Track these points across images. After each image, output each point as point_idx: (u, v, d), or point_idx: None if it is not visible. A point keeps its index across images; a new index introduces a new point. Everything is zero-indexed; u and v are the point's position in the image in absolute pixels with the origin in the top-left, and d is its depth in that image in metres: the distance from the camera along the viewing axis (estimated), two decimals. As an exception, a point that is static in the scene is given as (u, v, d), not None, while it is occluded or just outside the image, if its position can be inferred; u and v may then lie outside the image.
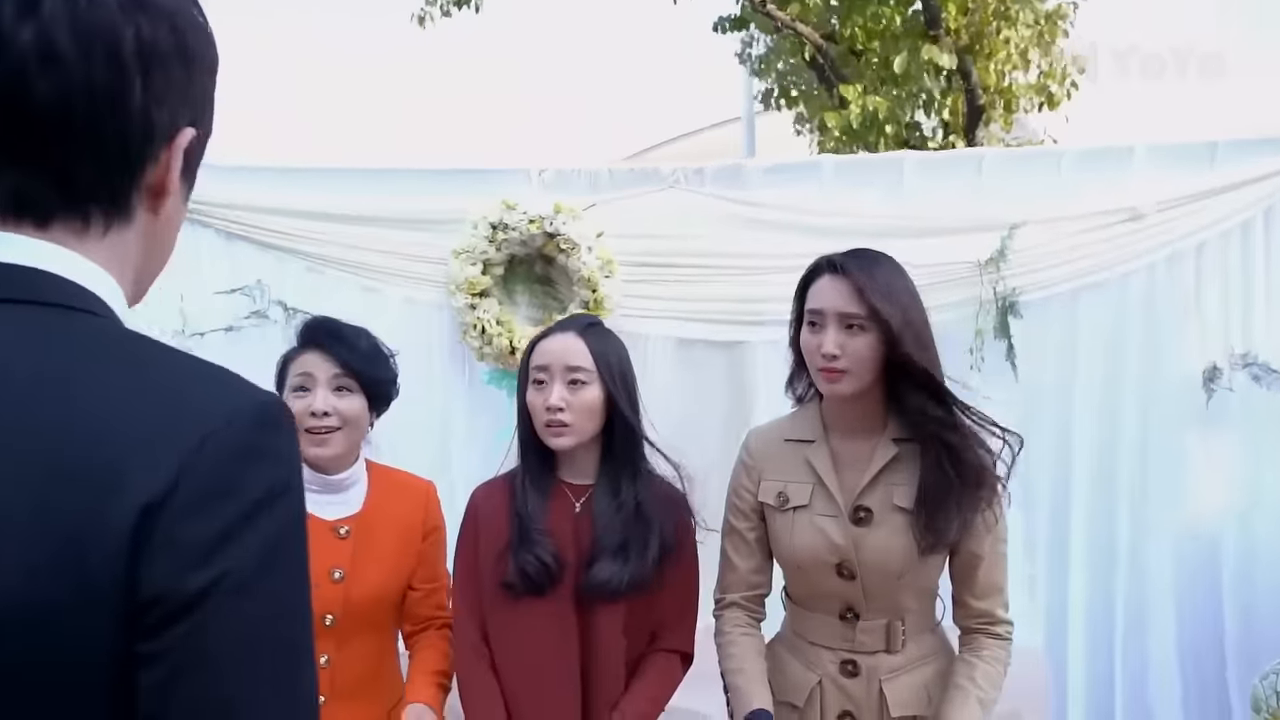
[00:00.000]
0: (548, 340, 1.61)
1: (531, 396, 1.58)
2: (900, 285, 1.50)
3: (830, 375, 1.51)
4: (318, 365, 1.62)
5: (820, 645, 1.57)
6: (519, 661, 1.58)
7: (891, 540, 1.49)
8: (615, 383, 1.60)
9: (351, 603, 1.62)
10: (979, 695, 1.48)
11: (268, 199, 2.58)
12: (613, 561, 1.55)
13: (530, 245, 2.56)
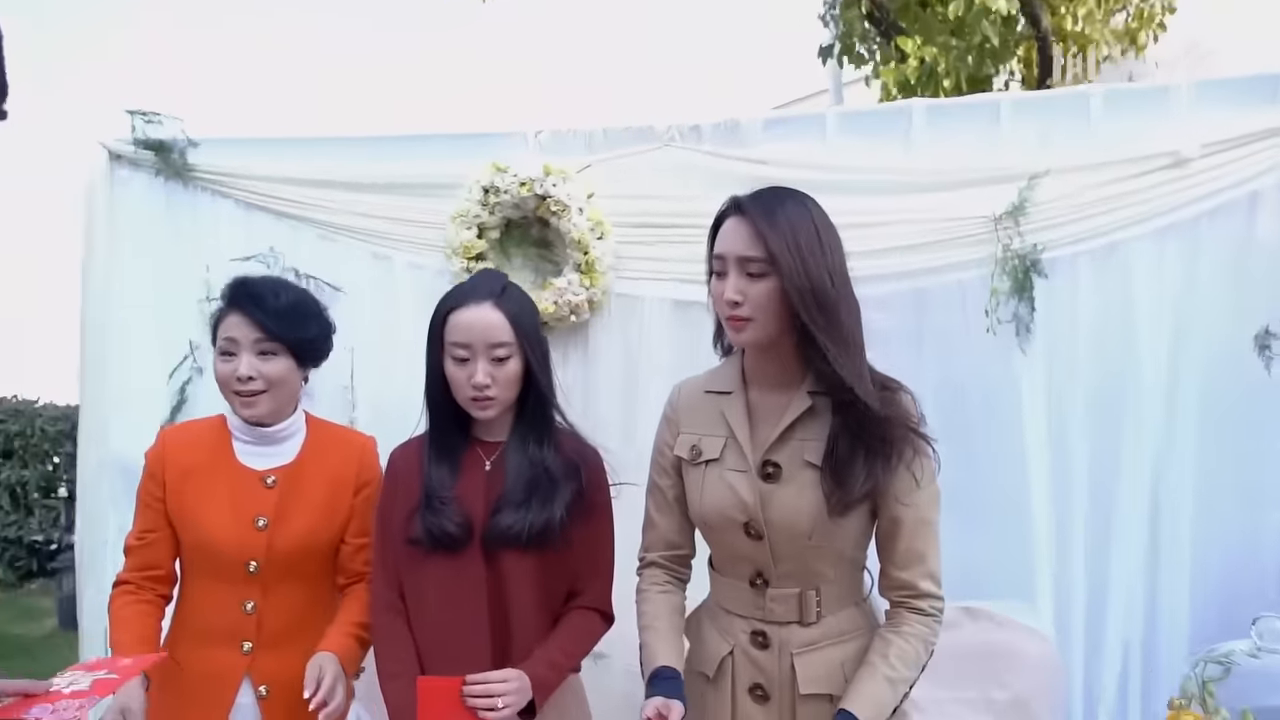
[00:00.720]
0: (465, 313, 1.58)
1: (453, 370, 1.59)
2: (804, 227, 1.39)
3: (734, 324, 1.44)
4: (240, 329, 1.67)
5: (734, 614, 1.52)
6: (430, 616, 1.61)
7: (800, 498, 1.41)
8: (533, 350, 1.61)
9: (275, 550, 1.69)
10: (888, 674, 1.40)
11: (280, 169, 2.67)
12: (516, 510, 1.57)
13: (523, 208, 2.55)
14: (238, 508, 1.70)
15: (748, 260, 1.40)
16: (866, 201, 2.41)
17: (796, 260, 1.36)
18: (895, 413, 1.42)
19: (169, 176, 2.73)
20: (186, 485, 1.72)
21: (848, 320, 1.41)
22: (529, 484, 1.59)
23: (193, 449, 1.75)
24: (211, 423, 1.80)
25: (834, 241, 1.44)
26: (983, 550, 2.41)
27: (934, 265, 2.39)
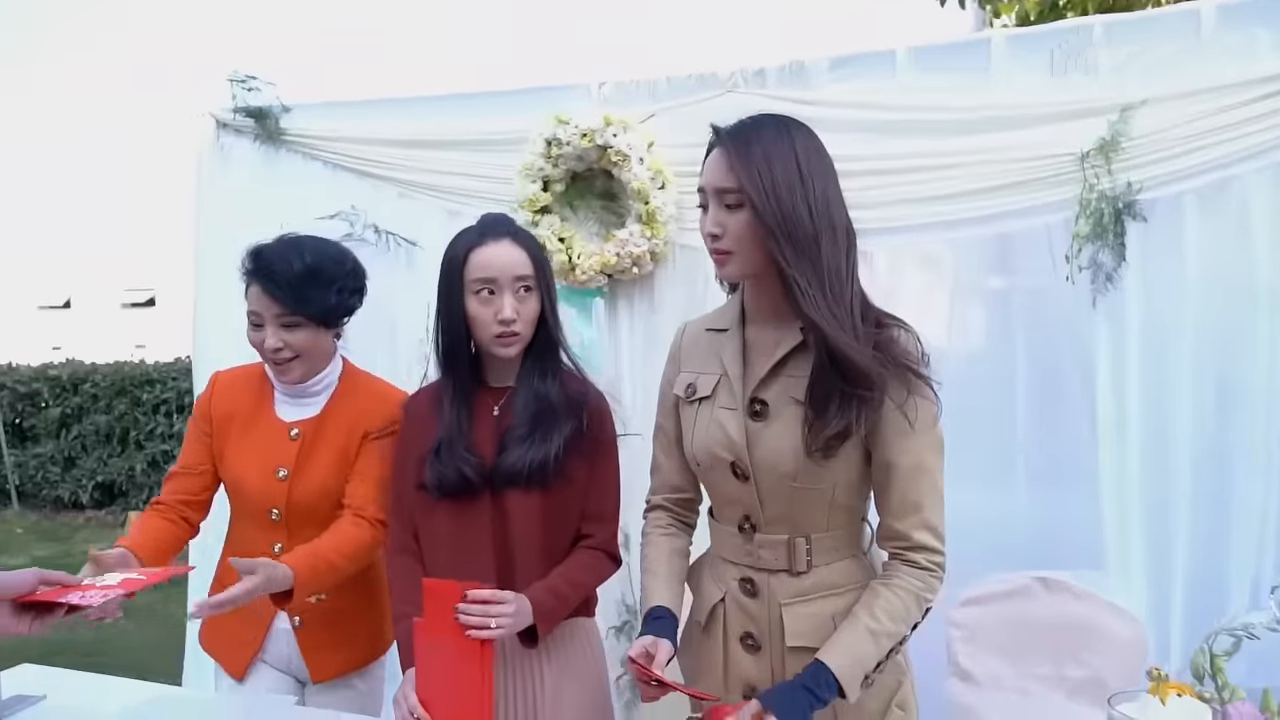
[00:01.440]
0: (487, 250, 1.58)
1: (477, 308, 1.58)
2: (782, 156, 1.31)
3: (716, 257, 1.38)
4: (261, 302, 1.70)
5: (728, 560, 1.46)
6: (441, 558, 1.64)
7: (784, 437, 1.34)
8: (548, 287, 1.61)
9: (294, 500, 1.76)
10: (871, 625, 1.31)
11: (361, 130, 2.78)
12: (519, 447, 1.57)
13: (586, 160, 2.53)
14: (263, 458, 1.76)
15: (723, 192, 1.34)
16: (941, 142, 2.26)
17: (768, 191, 1.29)
18: (891, 350, 1.32)
19: (265, 141, 2.89)
20: (228, 430, 1.80)
21: (829, 255, 1.31)
22: (533, 418, 1.59)
23: (236, 396, 1.83)
24: (256, 371, 1.85)
25: (819, 171, 1.33)
26: (1060, 517, 2.23)
27: (1014, 209, 2.21)
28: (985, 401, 2.28)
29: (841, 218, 1.35)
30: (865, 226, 2.32)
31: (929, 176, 2.28)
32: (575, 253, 2.54)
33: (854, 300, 1.33)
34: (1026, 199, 2.20)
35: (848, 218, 1.36)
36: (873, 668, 1.30)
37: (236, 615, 1.80)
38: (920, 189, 2.29)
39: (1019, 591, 2.11)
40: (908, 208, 2.31)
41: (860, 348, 1.28)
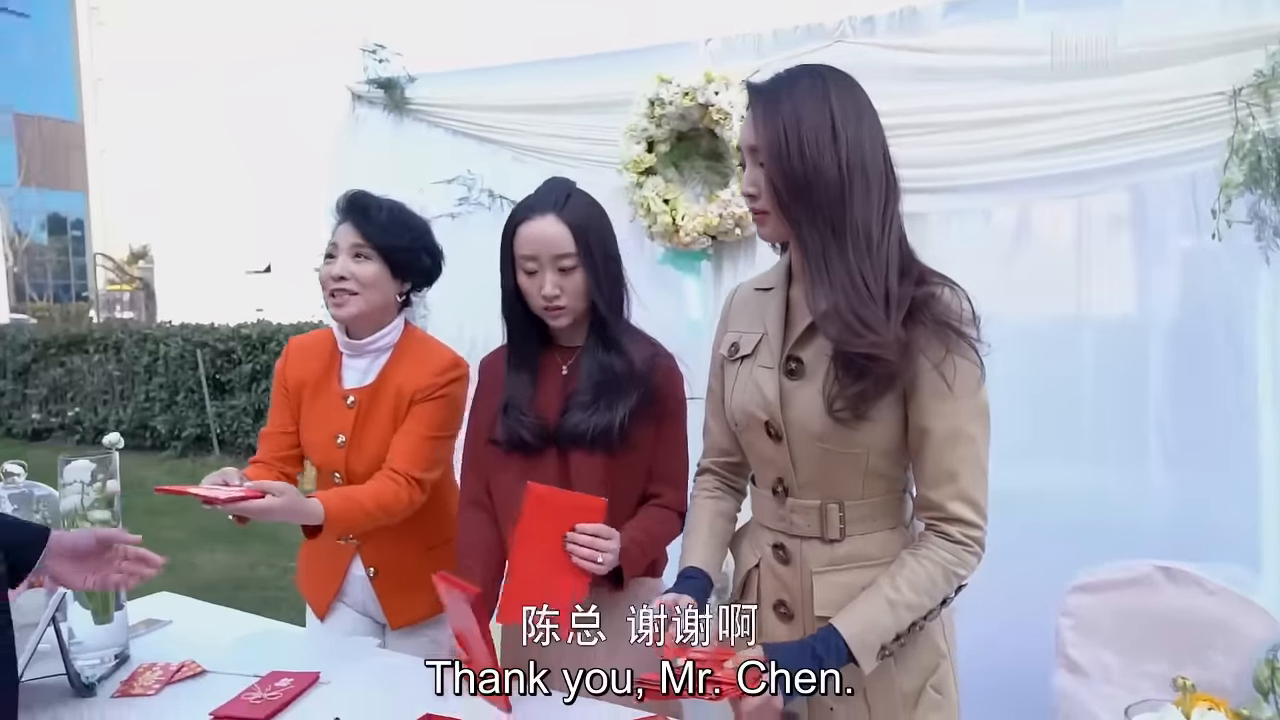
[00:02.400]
0: (529, 226, 1.61)
1: (525, 283, 1.63)
2: (812, 111, 1.23)
3: (755, 218, 1.33)
4: (344, 235, 1.80)
5: (763, 526, 1.42)
6: (512, 509, 1.67)
7: (816, 397, 1.28)
8: (594, 260, 1.61)
9: (351, 465, 1.84)
10: (891, 595, 1.24)
11: (478, 97, 2.86)
12: (583, 411, 1.60)
13: (690, 119, 2.49)
14: (325, 425, 1.85)
15: (753, 150, 1.28)
16: (1067, 87, 2.06)
17: (788, 149, 1.22)
18: (930, 308, 1.23)
19: (393, 111, 3.02)
20: (300, 395, 1.90)
21: (859, 209, 1.23)
22: (596, 386, 1.61)
23: (308, 362, 1.91)
24: (327, 338, 1.93)
25: (855, 122, 1.25)
26: (1200, 503, 2.01)
27: (1151, 157, 1.99)
28: (1115, 374, 2.08)
29: (879, 168, 1.26)
30: (983, 182, 2.19)
31: (1054, 125, 2.08)
32: (680, 214, 2.51)
33: (889, 257, 1.24)
34: (1164, 146, 1.97)
35: (888, 168, 1.27)
36: (890, 639, 1.23)
37: (319, 559, 1.93)
38: (1043, 139, 2.10)
39: (1139, 581, 1.93)
40: (1029, 160, 2.12)
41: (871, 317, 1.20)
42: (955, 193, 2.21)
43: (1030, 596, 2.06)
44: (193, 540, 5.77)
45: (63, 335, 9.50)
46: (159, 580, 1.65)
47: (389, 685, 1.62)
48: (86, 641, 1.69)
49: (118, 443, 1.82)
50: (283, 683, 1.61)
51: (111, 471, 1.73)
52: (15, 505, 1.79)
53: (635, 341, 1.66)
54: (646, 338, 1.69)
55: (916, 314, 1.22)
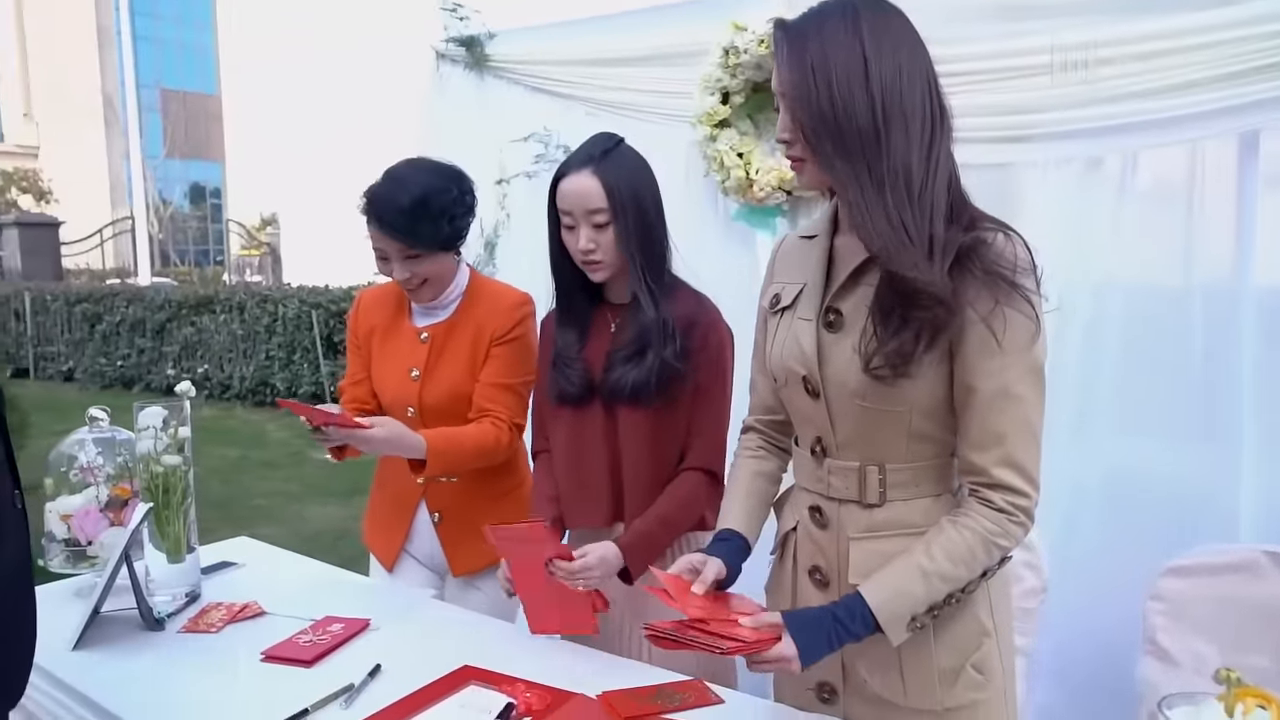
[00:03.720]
0: (565, 182, 1.62)
1: (565, 237, 1.65)
2: (842, 49, 1.14)
3: (792, 165, 1.25)
4: (384, 242, 1.79)
5: (803, 488, 1.35)
6: (562, 463, 1.75)
7: (855, 349, 1.20)
8: (626, 216, 1.60)
9: (425, 399, 1.88)
10: (924, 564, 1.15)
11: (554, 51, 2.81)
12: (623, 365, 1.61)
13: (766, 69, 2.37)
14: (400, 361, 1.90)
15: (783, 95, 1.19)
16: (1167, 20, 1.86)
17: (815, 90, 1.12)
18: (981, 256, 1.13)
19: (473, 68, 3.01)
20: (372, 341, 1.96)
21: (898, 149, 1.12)
22: (637, 339, 1.61)
23: (378, 310, 1.97)
24: (396, 288, 1.94)
25: (894, 61, 1.14)
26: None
27: (1272, 95, 1.77)
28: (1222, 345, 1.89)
29: (921, 105, 1.15)
30: (1081, 128, 2.01)
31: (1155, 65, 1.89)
32: (754, 168, 2.42)
33: (935, 200, 1.14)
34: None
35: (936, 104, 1.16)
36: (922, 611, 1.15)
37: (386, 507, 1.98)
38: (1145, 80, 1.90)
39: (1241, 566, 1.76)
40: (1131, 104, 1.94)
41: (917, 260, 1.11)
42: (1044, 140, 2.03)
43: (1119, 579, 1.91)
44: (304, 493, 6.07)
45: (193, 297, 10.08)
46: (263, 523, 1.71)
47: (435, 635, 1.64)
48: (160, 580, 1.78)
49: (189, 392, 1.89)
50: (334, 627, 1.65)
51: (183, 419, 1.80)
52: (99, 448, 1.90)
53: (677, 297, 1.64)
54: (693, 294, 1.67)
55: (964, 262, 1.12)
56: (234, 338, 9.54)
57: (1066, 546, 2.00)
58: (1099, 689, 1.96)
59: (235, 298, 9.68)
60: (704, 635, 1.11)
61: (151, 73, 36.42)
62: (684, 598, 1.20)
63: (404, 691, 1.38)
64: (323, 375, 8.69)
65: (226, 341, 9.61)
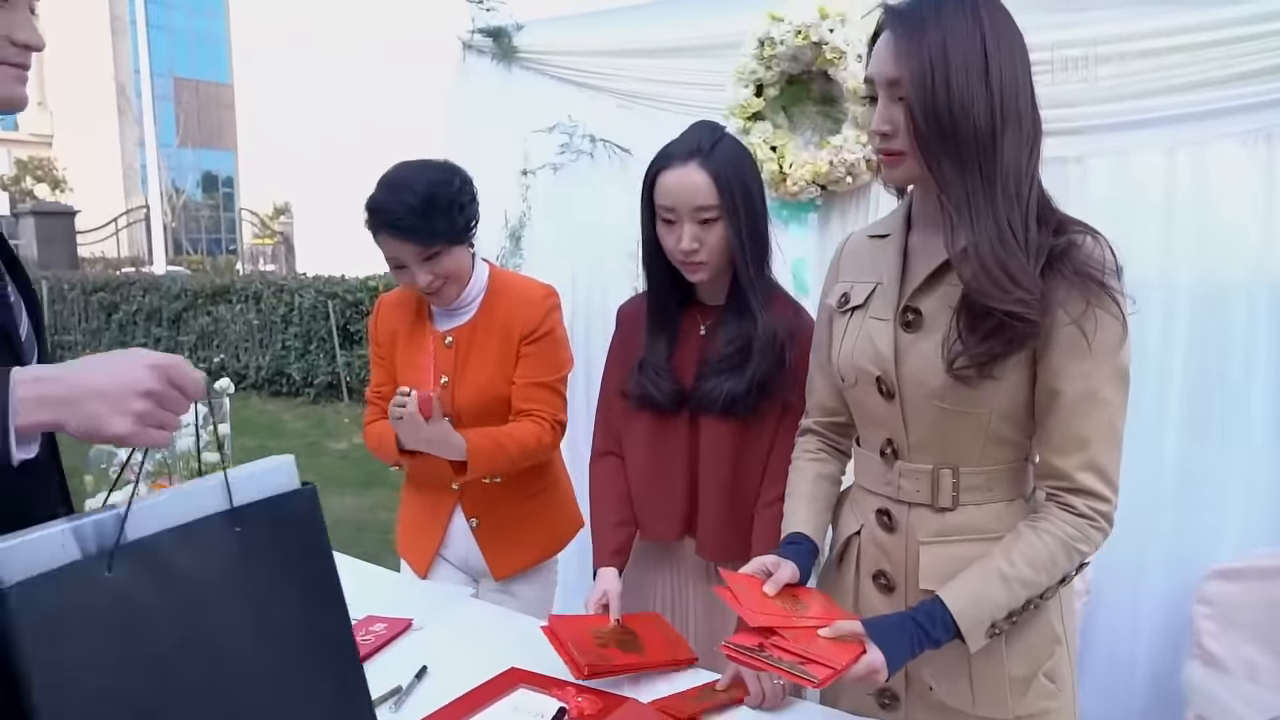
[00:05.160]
0: (669, 174, 1.53)
1: (663, 234, 1.56)
2: (962, 39, 1.10)
3: (886, 159, 1.21)
4: (398, 249, 1.72)
5: (868, 490, 1.33)
6: (638, 469, 1.69)
7: (936, 350, 1.18)
8: (738, 213, 1.52)
9: (458, 404, 1.83)
10: (1004, 569, 1.13)
11: (582, 42, 2.78)
12: (718, 376, 1.54)
13: (801, 60, 2.34)
14: (425, 367, 1.85)
15: (894, 83, 1.15)
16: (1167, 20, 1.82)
17: (933, 81, 1.09)
18: (1072, 258, 1.11)
19: (501, 60, 2.98)
20: (395, 347, 1.91)
21: (1010, 152, 1.11)
22: (738, 349, 1.54)
23: (399, 315, 1.91)
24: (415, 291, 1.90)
25: (1010, 56, 1.12)
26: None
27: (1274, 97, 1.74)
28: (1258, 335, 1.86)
29: (1030, 108, 1.14)
30: (1088, 124, 1.97)
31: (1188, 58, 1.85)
32: (787, 162, 2.38)
33: (1031, 203, 1.12)
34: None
35: (1035, 105, 1.15)
36: (1002, 617, 1.13)
37: (421, 513, 1.95)
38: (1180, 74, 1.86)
39: (1288, 569, 1.73)
40: (1185, 95, 1.90)
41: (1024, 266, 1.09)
42: (1100, 133, 1.98)
43: (1164, 581, 1.89)
44: (322, 484, 5.95)
45: (209, 286, 10.09)
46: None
47: (480, 636, 1.62)
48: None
49: (228, 388, 1.89)
50: (377, 627, 1.64)
51: (222, 415, 1.79)
52: (136, 445, 1.89)
53: (777, 303, 1.58)
54: (790, 300, 1.62)
55: (1055, 264, 1.11)
56: (250, 327, 9.54)
57: (1110, 547, 1.96)
58: (1143, 693, 1.94)
59: (252, 287, 9.68)
60: (788, 656, 1.07)
61: (164, 61, 36.49)
62: (754, 601, 1.17)
63: (452, 694, 1.37)
64: (339, 366, 8.70)
65: (243, 331, 9.62)
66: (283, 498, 0.89)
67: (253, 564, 0.85)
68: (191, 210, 34.55)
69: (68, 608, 0.74)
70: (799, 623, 1.13)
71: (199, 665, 0.80)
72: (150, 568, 0.79)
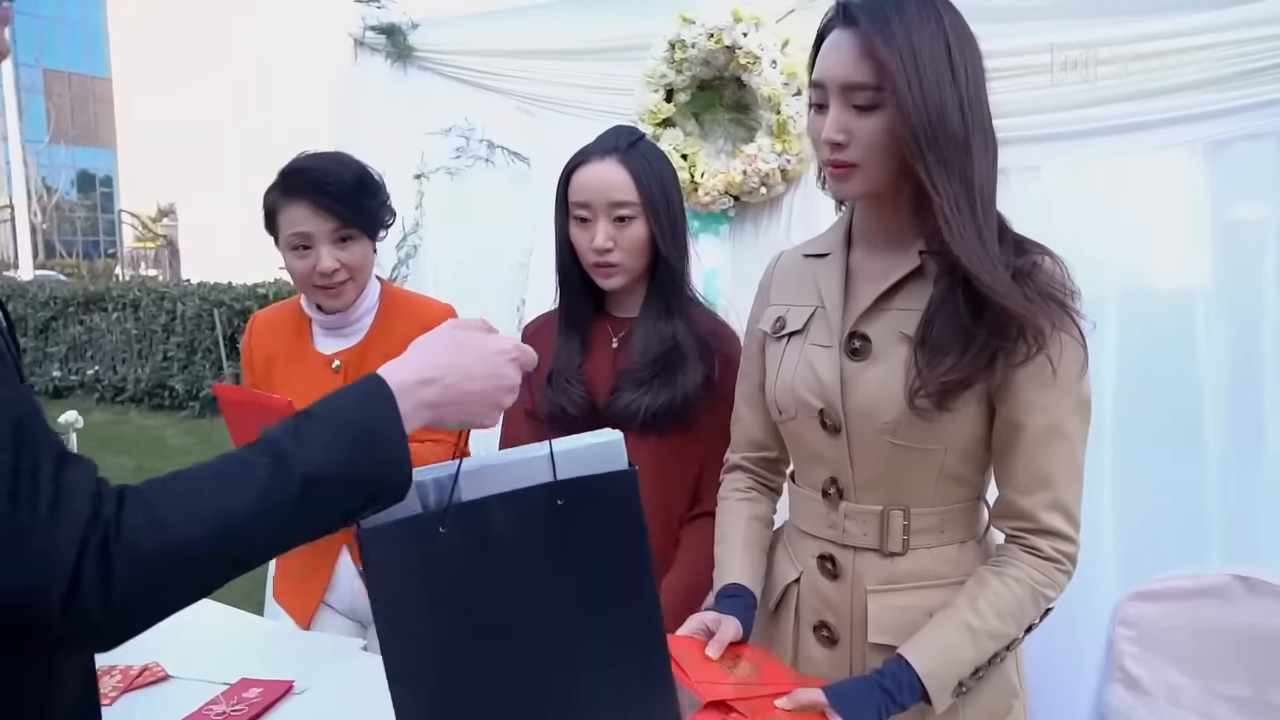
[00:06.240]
0: (586, 169, 1.44)
1: (575, 234, 1.47)
2: (930, 39, 1.02)
3: (837, 171, 1.09)
4: (312, 221, 1.57)
5: (806, 534, 1.22)
6: None
7: (888, 380, 1.08)
8: (659, 214, 1.44)
9: None
10: (972, 622, 1.03)
11: (483, 42, 2.63)
12: (635, 390, 1.43)
13: (714, 65, 2.24)
14: (308, 395, 1.66)
15: (854, 88, 1.05)
16: (1167, 21, 1.79)
17: (915, 84, 1.00)
18: (1036, 279, 1.04)
19: (395, 58, 2.80)
20: (271, 372, 1.72)
21: (980, 164, 1.03)
22: (654, 362, 1.44)
23: (276, 337, 1.74)
24: (292, 307, 1.76)
25: (972, 61, 1.05)
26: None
27: (1234, 106, 1.73)
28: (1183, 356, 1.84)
29: (989, 118, 1.06)
30: (1036, 133, 1.93)
31: (1123, 70, 1.82)
32: (699, 171, 2.28)
33: (994, 217, 1.05)
34: (1247, 94, 1.71)
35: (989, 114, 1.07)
36: (969, 674, 1.04)
37: (300, 558, 1.76)
38: (1116, 86, 1.84)
39: (1212, 590, 1.72)
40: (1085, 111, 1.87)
41: (1015, 291, 1.00)
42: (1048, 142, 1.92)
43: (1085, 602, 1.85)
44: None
45: (82, 293, 9.43)
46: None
47: (372, 694, 1.45)
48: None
49: (75, 422, 1.66)
50: (251, 693, 1.45)
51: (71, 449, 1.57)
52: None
53: (695, 314, 1.49)
54: (708, 313, 1.53)
55: (1019, 285, 1.02)
56: (128, 337, 8.96)
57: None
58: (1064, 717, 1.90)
59: (129, 294, 9.09)
60: None
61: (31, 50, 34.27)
62: (703, 670, 1.04)
63: (338, 775, 1.21)
64: (226, 377, 8.23)
65: (120, 341, 9.02)
66: (605, 477, 0.91)
67: (570, 536, 0.88)
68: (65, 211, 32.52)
69: (405, 554, 0.84)
70: (753, 691, 1.01)
71: (512, 619, 0.86)
72: (476, 528, 0.85)
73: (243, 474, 0.71)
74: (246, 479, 0.71)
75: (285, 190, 1.58)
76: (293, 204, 1.57)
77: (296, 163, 1.60)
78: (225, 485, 0.71)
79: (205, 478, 0.71)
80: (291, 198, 1.57)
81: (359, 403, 0.79)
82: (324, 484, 0.73)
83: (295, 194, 1.57)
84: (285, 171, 1.59)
